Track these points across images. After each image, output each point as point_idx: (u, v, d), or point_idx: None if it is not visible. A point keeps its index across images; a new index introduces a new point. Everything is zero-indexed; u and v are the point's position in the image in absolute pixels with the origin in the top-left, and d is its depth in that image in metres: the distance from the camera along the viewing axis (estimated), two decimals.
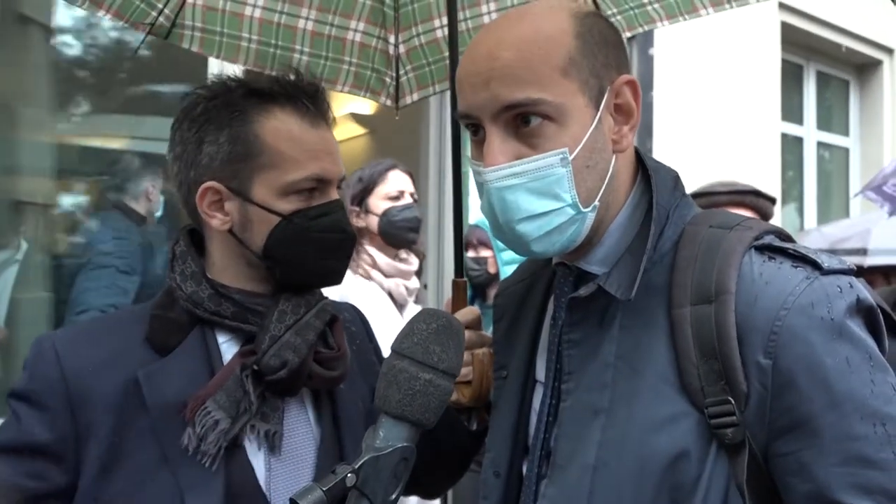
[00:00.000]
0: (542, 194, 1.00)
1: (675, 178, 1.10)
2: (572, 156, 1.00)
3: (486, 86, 1.00)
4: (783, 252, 0.99)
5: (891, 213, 4.42)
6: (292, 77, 1.26)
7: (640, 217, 1.08)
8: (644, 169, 1.10)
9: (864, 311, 0.96)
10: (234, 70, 1.77)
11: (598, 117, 1.02)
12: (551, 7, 1.07)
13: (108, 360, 1.19)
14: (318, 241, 1.22)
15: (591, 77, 1.02)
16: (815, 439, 0.92)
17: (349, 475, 0.90)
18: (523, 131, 1.00)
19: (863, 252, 4.88)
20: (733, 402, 0.94)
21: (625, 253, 1.06)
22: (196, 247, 1.28)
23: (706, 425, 0.95)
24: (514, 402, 1.17)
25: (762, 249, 0.99)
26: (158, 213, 3.63)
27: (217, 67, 2.90)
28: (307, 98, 1.24)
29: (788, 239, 1.04)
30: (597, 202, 1.03)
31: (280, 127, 1.21)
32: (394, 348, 0.98)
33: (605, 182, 1.04)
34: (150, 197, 3.52)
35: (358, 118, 5.90)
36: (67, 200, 3.65)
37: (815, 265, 0.96)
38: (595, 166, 1.02)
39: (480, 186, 1.04)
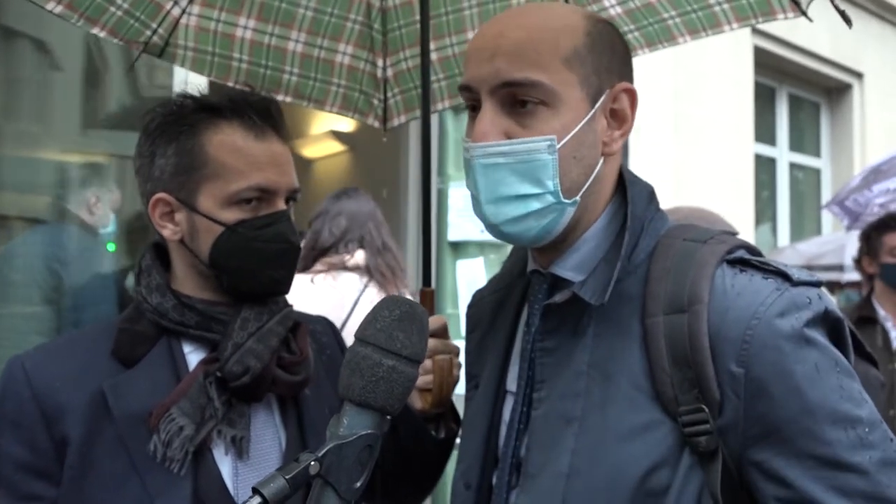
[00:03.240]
0: (526, 177, 1.01)
1: (651, 193, 1.12)
2: (560, 144, 1.01)
3: (490, 60, 1.02)
4: (754, 265, 1.01)
5: (848, 228, 4.54)
6: (247, 93, 1.31)
7: (617, 227, 1.09)
8: (622, 181, 1.12)
9: (830, 323, 0.98)
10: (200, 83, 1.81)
11: (591, 113, 1.04)
12: (569, 6, 1.11)
13: (76, 374, 1.21)
14: (260, 250, 1.25)
15: (592, 75, 1.04)
16: (788, 446, 0.93)
17: (312, 463, 0.90)
18: (518, 111, 1.02)
19: (839, 268, 5.00)
20: (707, 410, 0.95)
21: (600, 261, 1.07)
22: (162, 261, 1.32)
23: (679, 433, 0.96)
24: (486, 412, 1.17)
25: (734, 263, 1.01)
26: (109, 229, 3.56)
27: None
28: (255, 112, 1.28)
29: (758, 254, 1.06)
30: (578, 197, 1.04)
31: (225, 139, 1.25)
32: (357, 335, 0.98)
33: (590, 180, 1.05)
34: (91, 209, 3.43)
35: (338, 135, 5.92)
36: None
37: (786, 277, 0.98)
38: (582, 160, 1.04)
39: (467, 163, 1.06)
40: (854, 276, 4.87)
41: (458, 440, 1.46)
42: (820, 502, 0.91)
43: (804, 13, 1.73)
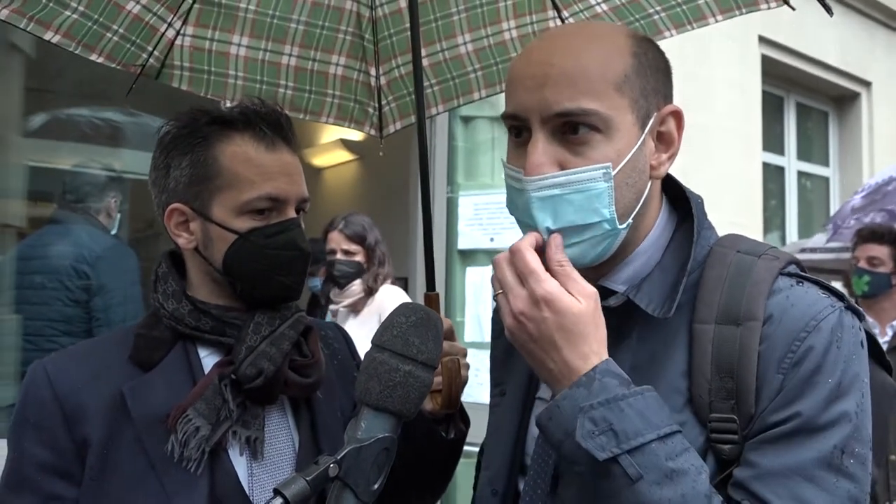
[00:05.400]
0: (582, 207, 0.99)
1: (703, 203, 1.13)
2: (615, 171, 0.99)
3: (540, 89, 0.99)
4: (809, 280, 1.03)
5: (828, 241, 4.66)
6: (256, 104, 1.34)
7: (668, 238, 1.10)
8: (667, 190, 1.13)
9: (867, 346, 1.01)
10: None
11: (642, 138, 1.02)
12: (610, 25, 1.11)
13: (96, 377, 1.25)
14: (272, 257, 1.28)
15: (640, 98, 1.02)
16: (782, 444, 0.94)
17: (332, 466, 0.92)
18: (570, 139, 1.00)
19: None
20: (738, 421, 0.97)
21: (654, 269, 1.07)
22: (177, 268, 1.36)
23: (706, 438, 0.98)
24: (514, 420, 1.17)
25: (789, 275, 1.03)
26: (114, 231, 3.65)
27: None
28: (266, 124, 1.31)
29: (804, 271, 1.08)
30: (630, 220, 1.03)
31: (237, 150, 1.28)
32: (374, 341, 1.01)
33: (640, 203, 1.04)
34: (110, 213, 3.53)
35: (347, 144, 5.96)
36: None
37: (840, 297, 1.01)
38: (634, 185, 1.03)
39: (519, 194, 1.04)
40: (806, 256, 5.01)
41: (467, 442, 1.48)
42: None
43: (787, 2, 1.75)
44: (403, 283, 4.77)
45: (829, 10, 1.65)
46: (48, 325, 3.19)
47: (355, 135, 5.48)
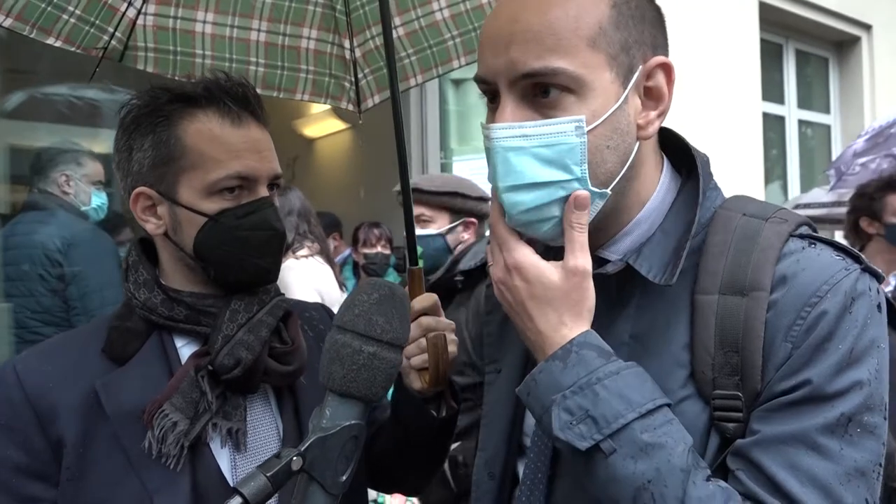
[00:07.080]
0: (550, 162, 0.92)
1: (709, 163, 1.06)
2: (589, 128, 0.92)
3: (505, 50, 0.93)
4: (823, 241, 0.97)
5: (832, 188, 4.57)
6: (222, 80, 1.27)
7: (670, 201, 1.04)
8: (669, 149, 1.07)
9: (884, 312, 0.94)
10: None
11: (624, 96, 0.95)
12: None
13: (68, 374, 1.21)
14: (245, 239, 1.23)
15: (621, 52, 0.94)
16: (789, 411, 0.89)
17: (295, 459, 0.87)
18: (540, 101, 0.93)
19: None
20: (742, 398, 0.92)
21: (656, 231, 1.01)
22: (149, 256, 1.31)
23: (709, 415, 0.93)
24: (510, 398, 1.12)
25: (800, 238, 0.97)
26: (93, 204, 3.39)
27: None
28: (231, 98, 1.24)
29: (816, 232, 1.02)
30: (609, 190, 0.96)
31: (201, 128, 1.22)
32: (335, 322, 0.95)
33: (626, 167, 0.97)
34: (63, 188, 3.27)
35: (339, 113, 5.88)
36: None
37: (857, 258, 0.95)
38: (616, 148, 0.95)
39: (488, 151, 0.97)
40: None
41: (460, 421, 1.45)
42: (769, 474, 0.88)
43: None
44: (400, 254, 4.73)
45: None
46: (30, 317, 3.11)
47: None
